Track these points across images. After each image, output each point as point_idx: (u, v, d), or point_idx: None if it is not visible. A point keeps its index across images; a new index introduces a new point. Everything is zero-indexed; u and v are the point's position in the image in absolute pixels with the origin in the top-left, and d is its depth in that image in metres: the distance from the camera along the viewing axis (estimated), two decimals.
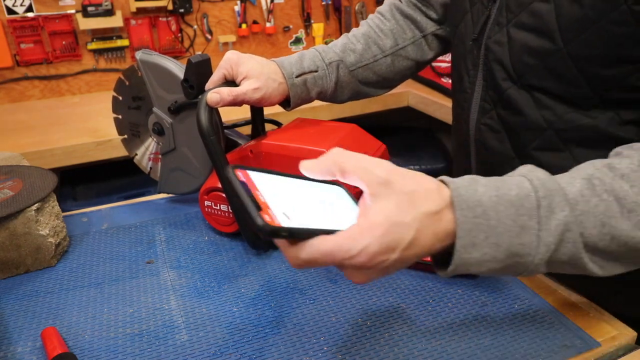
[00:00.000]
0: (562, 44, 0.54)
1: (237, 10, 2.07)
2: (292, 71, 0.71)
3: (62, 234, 0.70)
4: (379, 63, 0.80)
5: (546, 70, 0.57)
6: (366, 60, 0.79)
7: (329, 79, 0.75)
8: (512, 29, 0.59)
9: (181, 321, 0.57)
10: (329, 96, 0.77)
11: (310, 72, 0.73)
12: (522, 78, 0.59)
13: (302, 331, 0.55)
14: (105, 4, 1.83)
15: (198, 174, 0.78)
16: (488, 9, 0.63)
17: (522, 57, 0.58)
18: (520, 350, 0.51)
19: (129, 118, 0.81)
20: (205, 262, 0.68)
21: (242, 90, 0.66)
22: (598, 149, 0.54)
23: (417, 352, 0.52)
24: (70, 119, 1.63)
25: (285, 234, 0.38)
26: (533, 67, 0.58)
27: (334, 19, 2.24)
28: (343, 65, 0.77)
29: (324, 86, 0.75)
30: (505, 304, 0.58)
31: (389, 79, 0.82)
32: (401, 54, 0.81)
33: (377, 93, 0.84)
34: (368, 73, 0.80)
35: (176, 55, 2.00)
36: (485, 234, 0.41)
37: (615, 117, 0.55)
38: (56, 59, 1.86)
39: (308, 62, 0.73)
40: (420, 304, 0.59)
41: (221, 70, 0.68)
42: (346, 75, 0.77)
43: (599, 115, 0.56)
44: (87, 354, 0.53)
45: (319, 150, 0.62)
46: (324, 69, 0.74)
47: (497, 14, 0.61)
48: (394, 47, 0.80)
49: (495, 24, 0.62)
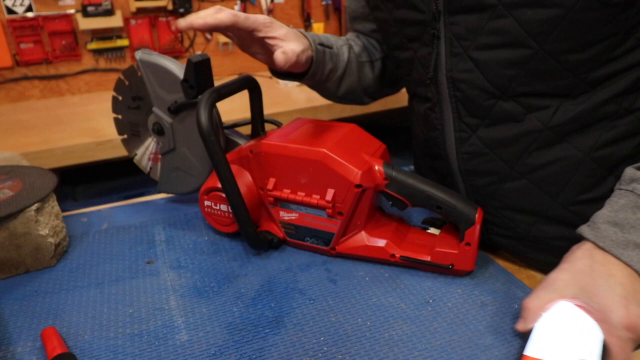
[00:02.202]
0: (538, 47, 0.55)
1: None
2: (314, 38, 0.72)
3: (62, 234, 0.70)
4: (374, 65, 0.83)
5: (529, 74, 0.57)
6: (366, 57, 0.82)
7: (342, 58, 0.77)
8: (474, 53, 0.58)
9: (181, 321, 0.57)
10: (337, 78, 0.78)
11: (327, 46, 0.74)
12: (507, 90, 0.59)
13: (302, 331, 0.55)
14: (105, 3, 1.83)
15: (198, 174, 0.78)
16: (435, 47, 0.62)
17: (500, 72, 0.58)
18: (520, 350, 0.51)
19: (129, 118, 0.81)
20: (205, 262, 0.68)
21: (300, 49, 0.65)
22: (592, 131, 0.58)
23: (417, 352, 0.52)
24: (70, 119, 1.63)
25: None
26: (515, 77, 0.57)
27: (334, 19, 2.24)
28: (352, 51, 0.79)
29: (337, 64, 0.76)
30: (505, 304, 0.58)
31: (377, 86, 0.85)
32: (388, 63, 0.84)
33: (365, 100, 0.86)
34: (365, 72, 0.81)
35: (176, 55, 2.00)
36: None
37: (600, 96, 0.57)
38: (56, 59, 1.87)
39: (324, 38, 0.75)
40: (420, 304, 0.59)
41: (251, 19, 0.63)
42: (354, 61, 0.79)
43: (586, 99, 0.57)
44: (87, 354, 0.53)
45: (319, 150, 0.62)
46: (337, 48, 0.77)
47: (448, 47, 0.60)
48: (382, 53, 0.84)
49: (452, 56, 0.60)
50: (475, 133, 0.63)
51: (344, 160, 0.62)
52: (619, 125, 0.58)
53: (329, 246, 0.67)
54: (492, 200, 0.66)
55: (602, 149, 0.59)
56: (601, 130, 0.58)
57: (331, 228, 0.65)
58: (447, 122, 0.65)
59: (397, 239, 0.66)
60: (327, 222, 0.65)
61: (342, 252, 0.67)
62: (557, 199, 0.62)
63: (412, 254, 0.64)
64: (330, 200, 0.63)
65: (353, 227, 0.65)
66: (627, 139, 0.59)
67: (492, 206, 0.66)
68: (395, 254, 0.64)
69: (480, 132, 0.63)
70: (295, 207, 0.67)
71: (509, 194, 0.64)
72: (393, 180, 0.62)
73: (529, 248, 0.66)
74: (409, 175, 0.63)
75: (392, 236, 0.65)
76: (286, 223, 0.69)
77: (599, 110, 0.58)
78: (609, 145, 0.59)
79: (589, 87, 0.57)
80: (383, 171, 0.63)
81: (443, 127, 0.66)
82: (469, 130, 0.64)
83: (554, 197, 0.62)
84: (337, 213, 0.64)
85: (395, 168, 0.63)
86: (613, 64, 0.56)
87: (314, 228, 0.67)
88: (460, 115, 0.63)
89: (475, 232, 0.60)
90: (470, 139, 0.64)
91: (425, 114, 0.69)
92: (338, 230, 0.65)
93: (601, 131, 0.58)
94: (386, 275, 0.64)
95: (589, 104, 0.58)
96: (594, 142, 0.59)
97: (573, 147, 0.59)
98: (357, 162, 0.62)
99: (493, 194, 0.65)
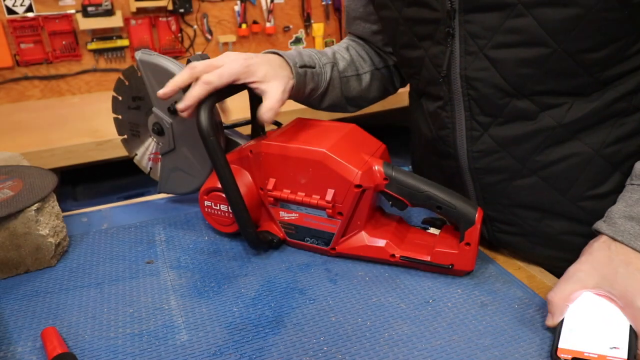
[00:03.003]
0: (556, 45, 0.55)
1: (237, 10, 2.07)
2: (296, 61, 0.71)
3: (62, 234, 0.70)
4: (361, 78, 0.82)
5: (546, 73, 0.57)
6: (352, 71, 0.81)
7: (323, 78, 0.76)
8: (490, 51, 0.58)
9: (181, 321, 0.57)
10: (318, 96, 0.77)
11: (310, 66, 0.74)
12: (522, 89, 0.59)
13: (302, 331, 0.55)
14: (105, 4, 1.84)
15: (198, 174, 0.78)
16: (449, 45, 0.62)
17: (517, 70, 0.58)
18: (520, 350, 0.51)
19: (129, 118, 0.81)
20: (205, 262, 0.68)
21: (280, 91, 0.66)
22: (602, 128, 0.60)
23: (417, 352, 0.52)
24: (70, 119, 1.63)
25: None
26: (532, 76, 0.58)
27: (334, 19, 2.24)
28: (336, 68, 0.78)
29: (318, 83, 0.76)
30: (505, 304, 0.58)
31: (364, 98, 0.85)
32: (377, 74, 0.84)
33: (350, 110, 0.86)
34: (352, 85, 0.81)
35: (176, 55, 2.00)
36: None
37: (612, 94, 0.59)
38: (56, 59, 1.87)
39: (307, 57, 0.74)
40: (420, 304, 0.59)
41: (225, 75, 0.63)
42: (337, 79, 0.79)
43: (598, 97, 0.59)
44: (87, 354, 0.53)
45: (319, 151, 0.62)
46: (321, 67, 0.76)
47: (463, 45, 0.60)
48: (372, 66, 0.84)
49: (466, 55, 0.60)
50: (487, 131, 0.64)
51: (343, 160, 0.62)
52: (627, 122, 0.60)
53: (329, 246, 0.67)
54: (501, 197, 0.66)
55: (611, 146, 0.60)
56: (611, 127, 0.60)
57: (331, 228, 0.65)
58: (458, 120, 0.65)
59: (397, 239, 0.66)
60: (327, 222, 0.65)
61: (342, 252, 0.67)
62: (566, 195, 0.63)
63: (412, 254, 0.64)
64: (330, 200, 0.63)
65: (353, 227, 0.65)
66: (634, 136, 0.61)
67: (501, 204, 0.67)
68: (395, 254, 0.64)
69: (492, 130, 0.63)
70: (295, 207, 0.67)
71: (518, 191, 0.65)
72: (393, 180, 0.62)
73: (536, 244, 0.67)
74: (409, 175, 0.63)
75: (392, 236, 0.65)
76: (286, 223, 0.69)
77: (610, 108, 0.59)
78: (618, 142, 0.60)
79: (601, 85, 0.58)
80: (383, 171, 0.63)
81: (454, 126, 0.66)
82: (480, 129, 0.64)
83: (563, 194, 0.63)
84: (337, 213, 0.64)
85: (395, 168, 0.63)
86: (626, 63, 0.57)
87: (314, 228, 0.67)
88: (473, 113, 0.64)
89: (475, 232, 0.60)
90: (482, 137, 0.64)
91: (435, 112, 0.69)
92: (338, 230, 0.65)
93: (611, 128, 0.60)
94: (386, 275, 0.64)
95: (601, 102, 0.59)
96: (603, 139, 0.60)
97: (584, 144, 0.61)
98: (357, 162, 0.62)
99: (502, 191, 0.66)
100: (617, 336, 0.50)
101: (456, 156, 0.68)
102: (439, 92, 0.66)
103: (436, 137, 0.70)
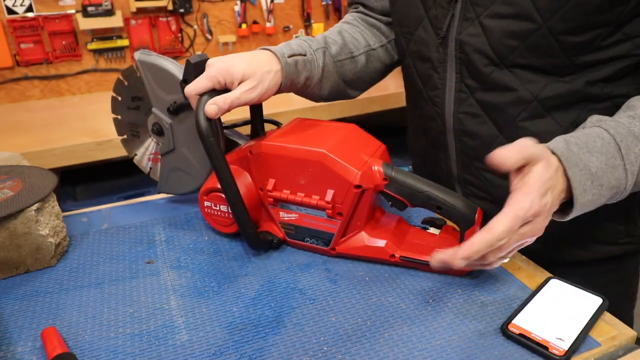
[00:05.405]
0: (542, 22, 0.60)
1: (237, 10, 2.07)
2: (284, 52, 0.70)
3: (62, 234, 0.70)
4: (356, 60, 0.81)
5: (528, 47, 0.62)
6: (345, 54, 0.80)
7: (316, 64, 0.75)
8: (485, 19, 0.64)
9: (181, 321, 0.57)
10: (315, 84, 0.76)
11: (299, 54, 0.73)
12: (505, 60, 0.65)
13: (302, 331, 0.55)
14: (105, 4, 1.84)
15: (198, 174, 0.78)
16: (450, 9, 0.67)
17: (503, 41, 0.63)
18: (520, 350, 0.51)
19: (128, 118, 0.81)
20: (205, 262, 0.68)
21: (235, 95, 0.64)
22: (573, 110, 0.66)
23: (417, 352, 0.52)
24: (70, 119, 1.63)
25: None
26: (516, 48, 0.63)
27: (334, 19, 2.24)
28: (328, 53, 0.77)
29: (312, 71, 0.75)
30: (504, 304, 0.58)
31: (362, 80, 0.84)
32: (373, 54, 0.84)
33: (352, 94, 0.85)
34: (347, 68, 0.80)
35: (176, 55, 2.00)
36: (591, 181, 0.54)
37: (585, 79, 0.64)
38: (56, 59, 1.87)
39: (296, 46, 0.73)
40: (420, 304, 0.59)
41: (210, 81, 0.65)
42: (331, 64, 0.78)
43: (573, 80, 0.64)
44: (87, 354, 0.53)
45: (319, 151, 0.62)
46: (312, 54, 0.75)
47: (462, 10, 0.66)
48: (367, 47, 0.83)
49: (463, 20, 0.66)
50: (473, 95, 0.69)
51: (343, 160, 0.62)
52: (597, 108, 0.65)
53: (329, 246, 0.67)
54: (477, 161, 0.73)
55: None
56: (581, 110, 0.65)
57: (331, 228, 0.66)
58: (449, 82, 0.71)
59: (397, 239, 0.66)
60: (327, 223, 0.65)
61: (342, 252, 0.67)
62: None
63: (412, 254, 0.64)
64: (329, 200, 0.63)
65: (353, 227, 0.66)
66: None
67: (476, 167, 0.74)
68: (395, 254, 0.64)
69: (478, 94, 0.69)
70: (295, 207, 0.67)
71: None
72: (393, 180, 0.62)
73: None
74: (409, 175, 0.63)
75: (391, 236, 0.65)
76: (286, 223, 0.69)
77: (582, 92, 0.64)
78: None
79: (576, 69, 0.63)
80: (382, 171, 0.63)
81: (444, 87, 0.72)
82: (468, 92, 0.70)
83: None
84: (336, 213, 0.64)
85: (394, 168, 0.63)
86: (601, 52, 0.62)
87: (314, 228, 0.67)
88: (462, 76, 0.69)
89: (475, 232, 0.60)
90: (469, 99, 0.70)
91: (427, 73, 0.74)
92: (338, 230, 0.65)
93: (581, 111, 0.65)
94: (386, 275, 0.64)
95: (574, 85, 0.64)
96: (574, 119, 0.66)
97: (555, 123, 0.66)
98: (356, 162, 0.62)
99: (479, 156, 0.70)
100: (568, 329, 0.52)
101: (442, 116, 0.74)
102: (430, 54, 0.72)
103: (426, 98, 0.76)
